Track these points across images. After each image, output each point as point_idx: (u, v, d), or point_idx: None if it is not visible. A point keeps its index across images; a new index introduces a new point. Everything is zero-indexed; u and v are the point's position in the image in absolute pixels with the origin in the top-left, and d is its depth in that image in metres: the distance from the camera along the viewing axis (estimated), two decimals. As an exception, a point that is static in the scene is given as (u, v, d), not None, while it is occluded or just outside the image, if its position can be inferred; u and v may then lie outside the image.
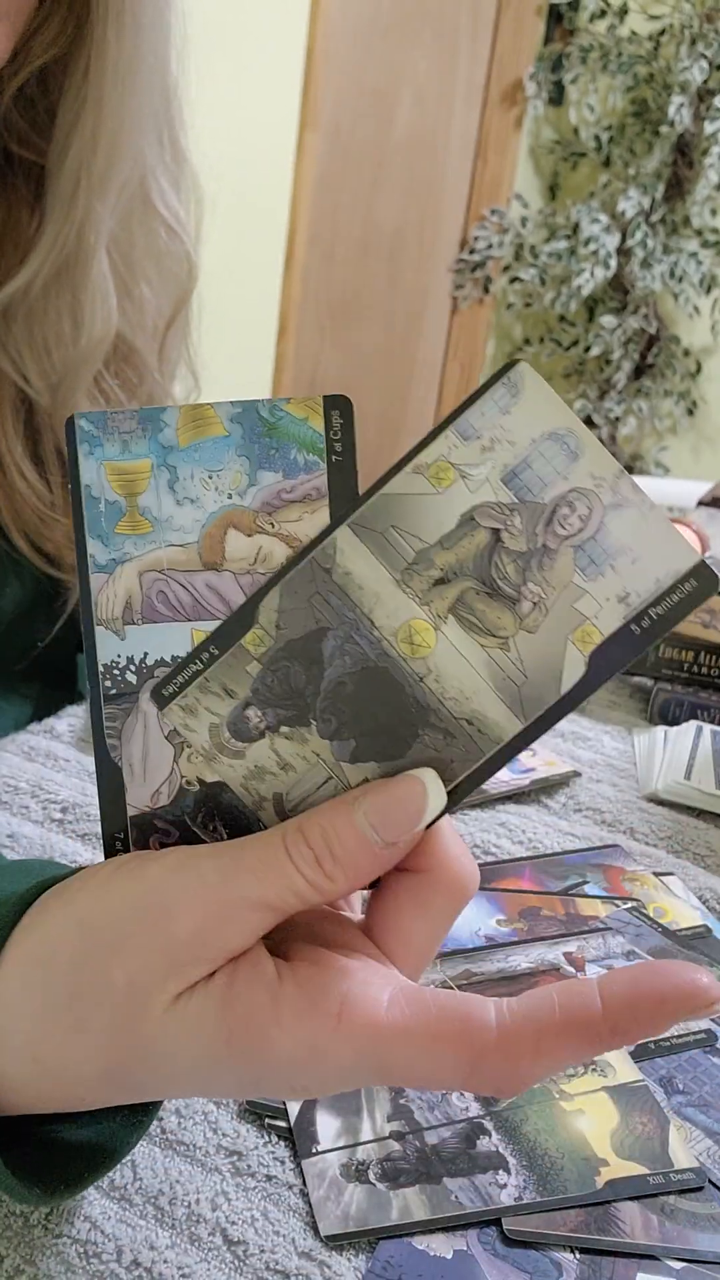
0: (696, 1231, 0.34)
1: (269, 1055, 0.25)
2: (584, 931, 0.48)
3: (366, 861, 0.25)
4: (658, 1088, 0.39)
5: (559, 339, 2.63)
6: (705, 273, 2.44)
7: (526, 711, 0.26)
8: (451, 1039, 0.24)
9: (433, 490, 0.25)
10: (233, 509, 0.26)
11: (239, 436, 0.26)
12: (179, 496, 0.26)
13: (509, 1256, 0.33)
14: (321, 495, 0.26)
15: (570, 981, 0.25)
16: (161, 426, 0.26)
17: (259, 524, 0.26)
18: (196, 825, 0.28)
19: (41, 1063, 0.27)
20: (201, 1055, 0.25)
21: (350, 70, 2.02)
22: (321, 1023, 0.25)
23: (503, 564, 0.25)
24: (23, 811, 0.53)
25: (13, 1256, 0.31)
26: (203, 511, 0.26)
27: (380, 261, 2.30)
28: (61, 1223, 0.32)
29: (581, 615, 0.25)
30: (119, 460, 0.26)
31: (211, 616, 0.27)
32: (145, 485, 0.27)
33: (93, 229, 0.53)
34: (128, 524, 0.27)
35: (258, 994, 0.25)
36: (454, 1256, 0.32)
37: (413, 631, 0.25)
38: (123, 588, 0.27)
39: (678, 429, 2.64)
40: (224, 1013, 0.25)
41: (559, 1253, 0.33)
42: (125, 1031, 0.26)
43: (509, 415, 0.25)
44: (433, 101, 2.31)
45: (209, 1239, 0.32)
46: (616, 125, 2.47)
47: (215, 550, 0.27)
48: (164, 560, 0.27)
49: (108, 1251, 0.31)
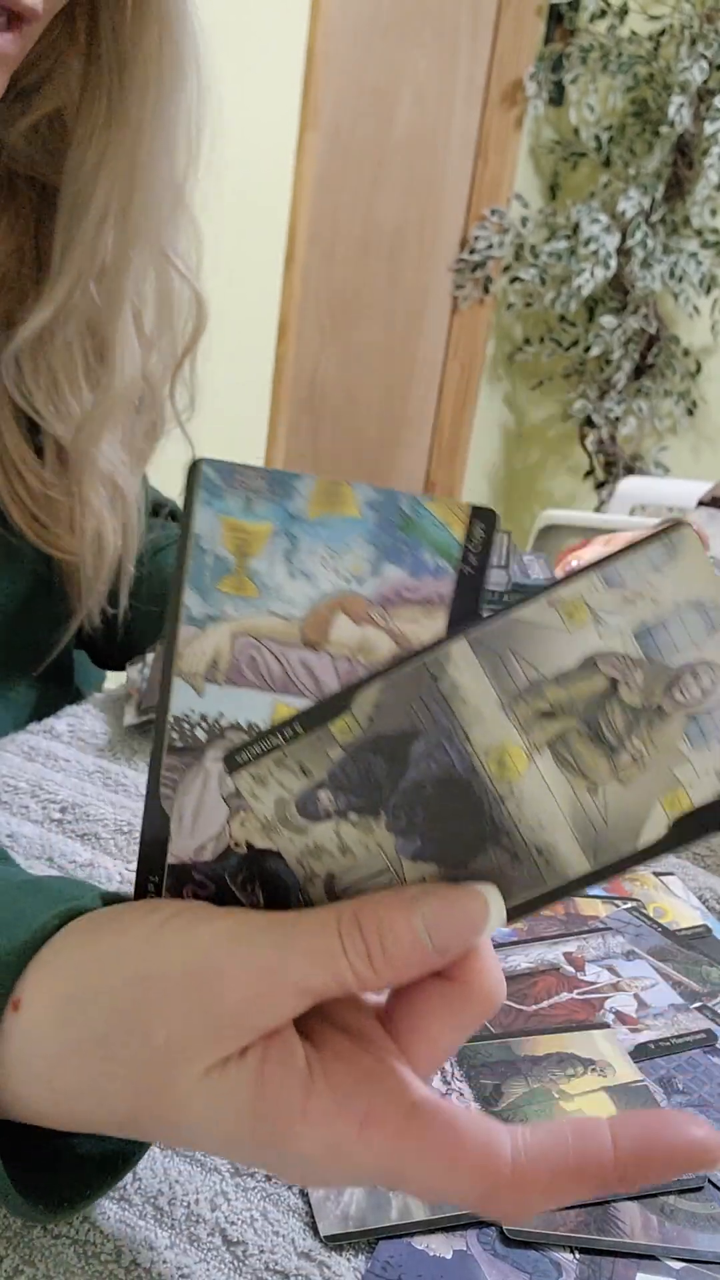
0: (696, 1231, 0.34)
1: (288, 1147, 0.25)
2: (584, 931, 0.47)
3: (415, 963, 0.25)
4: (657, 1088, 0.39)
5: (559, 339, 2.63)
6: (705, 273, 2.44)
7: (598, 857, 0.26)
8: (468, 1168, 0.25)
9: (562, 626, 0.25)
10: (348, 594, 0.26)
11: (372, 523, 0.25)
12: (294, 568, 0.26)
13: (509, 1256, 0.33)
14: (443, 602, 0.25)
15: (584, 1123, 0.25)
16: (291, 493, 0.25)
17: (371, 615, 0.26)
18: (235, 885, 0.28)
19: (59, 1093, 0.27)
20: (222, 1130, 0.25)
21: (350, 70, 2.02)
22: (347, 1128, 0.25)
23: (613, 714, 0.25)
24: (22, 811, 0.53)
25: (12, 1257, 0.31)
26: (315, 589, 0.26)
27: (380, 261, 2.30)
28: (61, 1224, 0.32)
29: (676, 780, 0.25)
30: (238, 518, 0.26)
31: (299, 693, 0.26)
32: (260, 549, 0.26)
33: (122, 280, 0.54)
34: (232, 583, 0.26)
35: (289, 1084, 0.25)
36: (454, 1257, 0.32)
37: (506, 754, 0.26)
38: (211, 645, 0.26)
39: (678, 429, 2.64)
40: (254, 1096, 0.25)
41: (559, 1253, 0.33)
42: (152, 1091, 0.26)
43: (659, 574, 0.24)
44: (433, 101, 2.31)
45: (208, 1239, 0.32)
46: (617, 125, 2.47)
47: (319, 630, 0.26)
48: (263, 628, 0.26)
49: (107, 1252, 0.31)
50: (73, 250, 0.53)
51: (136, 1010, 0.25)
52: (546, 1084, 0.39)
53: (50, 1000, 0.27)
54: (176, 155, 0.54)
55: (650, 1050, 0.41)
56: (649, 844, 0.25)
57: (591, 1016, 0.43)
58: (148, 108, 0.51)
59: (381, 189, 2.23)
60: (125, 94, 0.51)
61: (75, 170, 0.52)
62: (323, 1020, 0.27)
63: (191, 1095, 0.25)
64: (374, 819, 0.26)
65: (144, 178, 0.52)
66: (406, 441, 2.57)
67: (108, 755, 0.60)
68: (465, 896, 0.25)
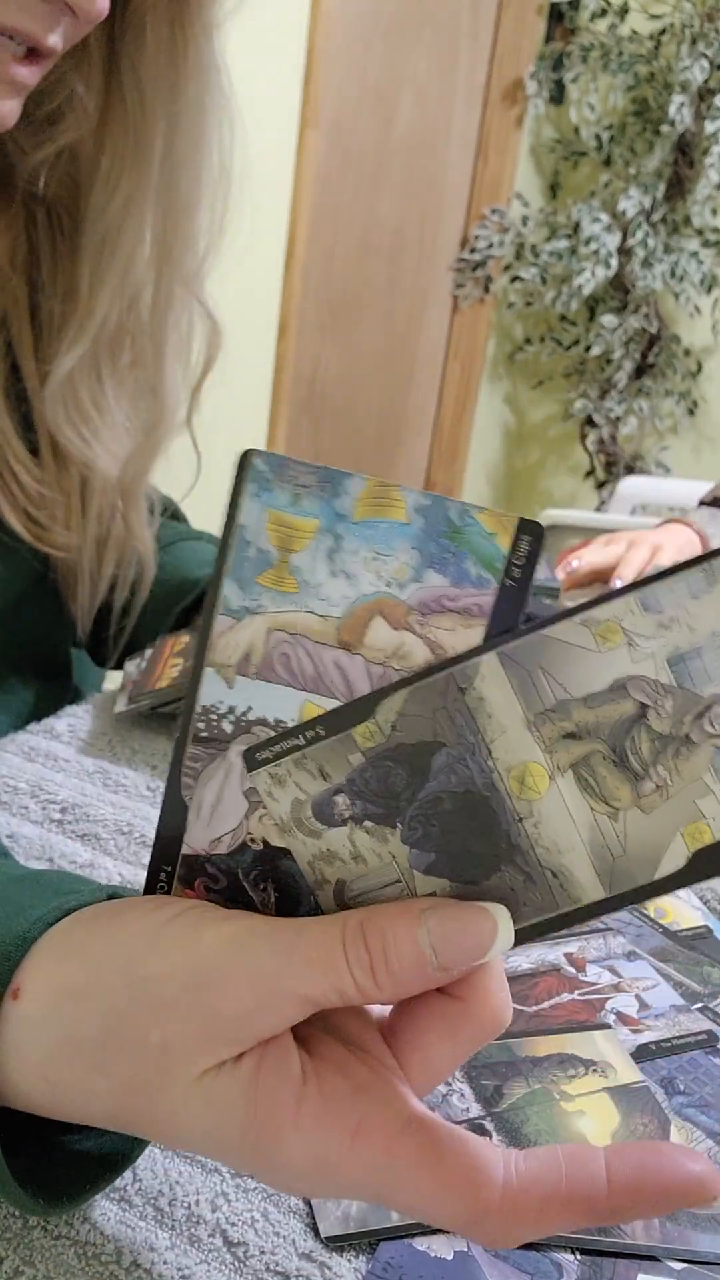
0: (698, 1232, 0.34)
1: (278, 1155, 0.25)
2: (585, 932, 0.47)
3: (417, 979, 0.25)
4: (659, 1088, 0.39)
5: (559, 338, 2.63)
6: (706, 272, 2.44)
7: (614, 884, 0.25)
8: (457, 1190, 0.25)
9: (595, 648, 0.24)
10: (387, 597, 0.25)
11: (419, 529, 0.25)
12: (335, 567, 0.26)
13: (509, 1258, 0.32)
14: (483, 614, 0.25)
15: (578, 1150, 0.25)
16: (340, 492, 0.25)
17: (409, 621, 0.25)
18: (247, 880, 0.28)
19: (53, 1085, 0.27)
20: (214, 1134, 0.25)
21: (351, 69, 2.02)
22: (338, 1138, 0.25)
23: (639, 740, 0.24)
24: (22, 811, 0.53)
25: (12, 1258, 0.31)
26: (355, 590, 0.26)
27: (381, 260, 2.30)
28: (61, 1224, 0.32)
29: (699, 813, 0.24)
30: (285, 512, 0.25)
31: (329, 694, 0.26)
32: (304, 545, 0.26)
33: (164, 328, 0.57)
34: (272, 577, 0.26)
35: (282, 1092, 0.25)
36: (454, 1258, 0.32)
37: (527, 773, 0.25)
38: (246, 638, 0.26)
39: (678, 429, 2.64)
40: (247, 1103, 0.25)
41: (560, 1253, 0.33)
42: (144, 1092, 0.26)
43: (697, 601, 0.24)
44: (433, 100, 2.31)
45: (209, 1240, 0.32)
46: (617, 124, 2.47)
47: (355, 632, 0.26)
48: (299, 625, 0.26)
49: (107, 1253, 0.31)
50: (103, 288, 0.55)
51: (133, 1010, 0.25)
52: (547, 1085, 0.39)
53: (50, 990, 0.27)
54: (208, 193, 0.55)
55: (651, 1051, 0.41)
56: (666, 875, 0.25)
57: (592, 1017, 0.43)
58: (174, 147, 0.52)
59: (382, 188, 2.23)
60: (150, 133, 0.52)
61: (101, 209, 0.54)
62: (322, 1028, 0.27)
63: (184, 1098, 0.25)
64: (389, 828, 0.26)
65: (179, 220, 0.54)
66: (406, 441, 2.57)
67: (108, 755, 0.59)
68: (474, 915, 0.25)
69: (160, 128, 0.52)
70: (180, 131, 0.52)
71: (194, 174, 0.54)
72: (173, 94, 0.52)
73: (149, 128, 0.52)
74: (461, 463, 2.73)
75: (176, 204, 0.54)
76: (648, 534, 1.01)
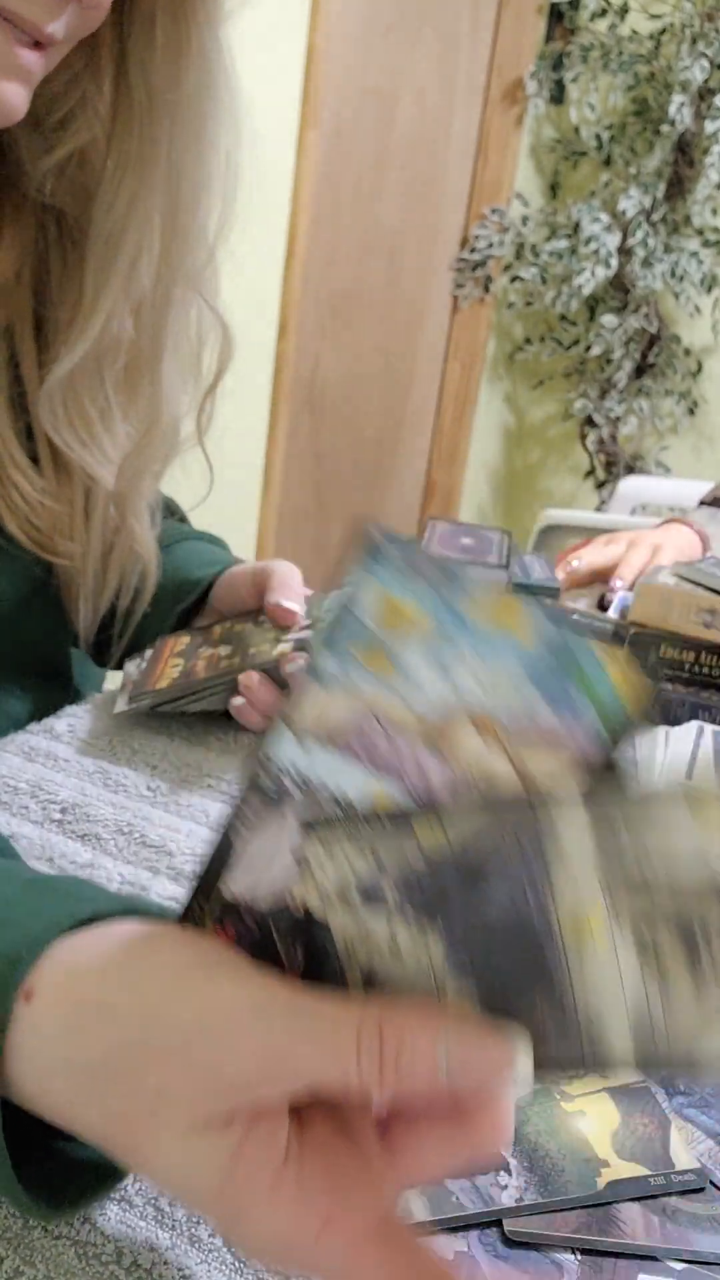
0: (698, 1232, 0.34)
1: (246, 1226, 0.25)
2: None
3: (423, 1086, 0.25)
4: (659, 1088, 0.39)
5: (560, 338, 2.63)
6: (706, 272, 2.44)
7: (643, 1060, 0.24)
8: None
9: (689, 823, 0.23)
10: (485, 713, 0.25)
11: (541, 664, 0.24)
12: (439, 664, 0.25)
13: (510, 1258, 0.33)
14: (582, 757, 0.25)
15: None
16: (460, 592, 0.25)
17: (501, 739, 0.25)
18: (279, 937, 0.27)
19: (48, 1094, 0.27)
20: (188, 1189, 0.26)
21: (351, 69, 2.02)
22: (305, 1227, 0.25)
23: (710, 923, 0.23)
24: (22, 812, 0.53)
25: (12, 1258, 0.31)
26: (455, 695, 0.25)
27: (381, 260, 2.30)
28: (61, 1224, 0.32)
29: None
30: (398, 596, 0.25)
31: (400, 784, 0.25)
32: (410, 633, 0.25)
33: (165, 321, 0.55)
34: (369, 655, 0.25)
35: (262, 1169, 0.25)
36: (455, 1258, 0.32)
37: (587, 924, 0.24)
38: (332, 708, 0.26)
39: (679, 428, 2.64)
40: (226, 1171, 0.25)
41: (560, 1254, 0.33)
42: (130, 1130, 0.26)
43: None
44: (433, 100, 2.31)
45: (209, 1240, 0.32)
46: (617, 124, 2.47)
47: (444, 735, 0.25)
48: (386, 710, 0.25)
49: (108, 1253, 0.31)
50: (106, 289, 0.54)
51: (139, 1046, 0.25)
52: (548, 1084, 0.39)
53: (63, 1002, 0.26)
54: (213, 193, 0.54)
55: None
56: (699, 1061, 0.24)
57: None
58: (179, 146, 0.52)
59: (382, 188, 2.23)
60: (156, 132, 0.51)
61: (107, 209, 0.53)
62: (318, 1104, 0.27)
63: (168, 1147, 0.25)
64: (432, 931, 0.25)
65: (183, 219, 0.53)
66: (406, 441, 2.57)
67: (108, 756, 0.59)
68: (496, 1046, 0.25)
69: (165, 123, 0.51)
70: (184, 125, 0.52)
71: (197, 168, 0.53)
72: (176, 87, 0.51)
73: (155, 124, 0.51)
74: (461, 463, 2.73)
75: (179, 201, 0.53)
76: (648, 534, 1.01)
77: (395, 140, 2.22)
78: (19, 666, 0.64)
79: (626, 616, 0.76)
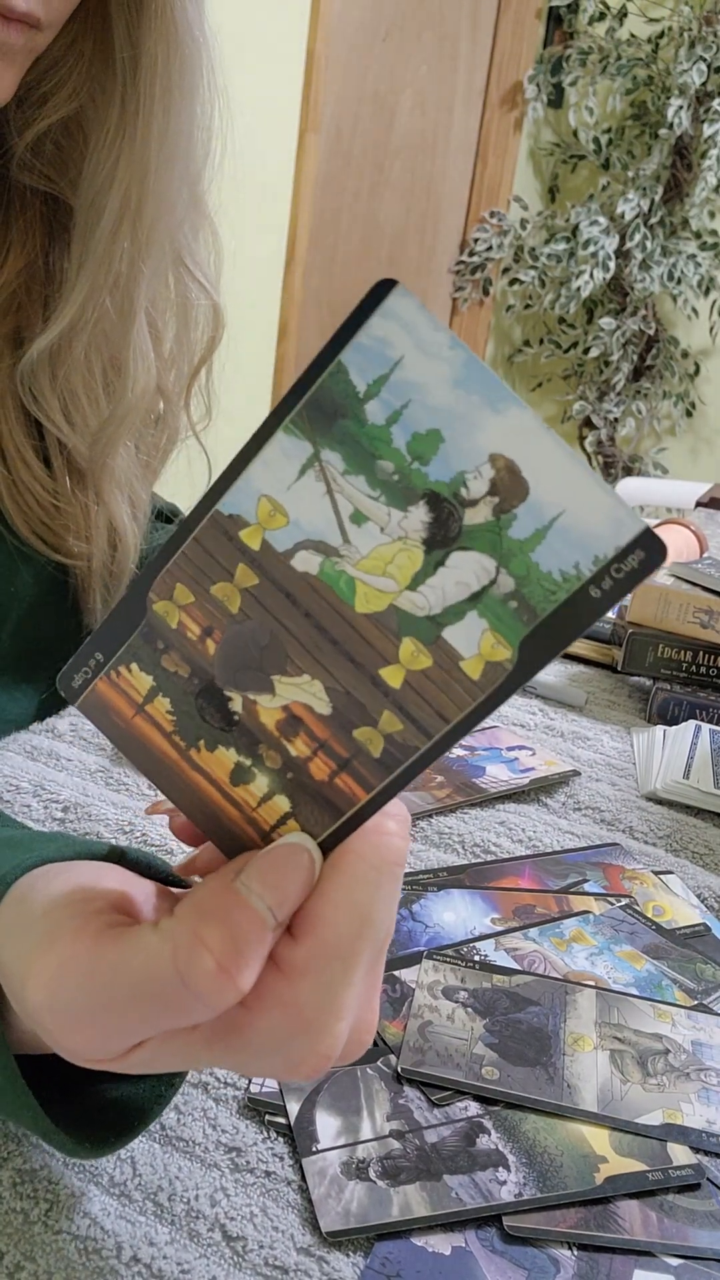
0: (694, 1228, 0.34)
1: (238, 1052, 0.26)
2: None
3: (263, 944, 0.25)
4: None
5: (558, 341, 2.64)
6: (703, 275, 2.44)
7: (605, 1111, 0.38)
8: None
9: (654, 1017, 0.32)
10: None
11: None
12: None
13: (507, 1253, 0.33)
14: None
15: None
16: None
17: None
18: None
19: None
20: None
21: (351, 73, 2.02)
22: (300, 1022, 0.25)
23: (658, 1059, 0.40)
24: (24, 811, 0.53)
25: (13, 1253, 0.31)
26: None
27: (380, 263, 2.30)
28: (61, 1219, 0.32)
29: (679, 1108, 0.38)
30: None
31: None
32: None
33: (136, 290, 0.54)
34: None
35: (199, 1046, 0.26)
36: (452, 1253, 0.33)
37: (582, 1040, 0.40)
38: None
39: (676, 430, 2.65)
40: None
41: (557, 1249, 0.33)
42: None
43: None
44: (433, 104, 2.31)
45: (208, 1235, 0.32)
46: (616, 128, 2.48)
47: None
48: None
49: (107, 1248, 0.32)
50: (88, 261, 0.53)
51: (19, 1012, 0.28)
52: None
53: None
54: (190, 159, 0.54)
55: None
56: (643, 1127, 0.37)
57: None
58: (159, 112, 0.51)
59: (382, 191, 2.23)
60: (137, 98, 0.51)
61: (90, 179, 0.52)
62: None
63: None
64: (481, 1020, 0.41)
65: (156, 182, 0.52)
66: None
67: (110, 755, 0.60)
68: (285, 853, 0.25)
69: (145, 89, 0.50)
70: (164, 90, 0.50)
71: (176, 135, 0.51)
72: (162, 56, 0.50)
73: (135, 91, 0.50)
74: (460, 465, 2.73)
75: (158, 169, 0.51)
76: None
77: (395, 143, 2.23)
78: (32, 668, 0.64)
79: (624, 616, 0.76)
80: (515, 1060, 0.39)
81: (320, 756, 0.25)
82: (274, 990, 0.25)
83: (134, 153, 0.51)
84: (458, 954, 0.45)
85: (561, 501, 0.21)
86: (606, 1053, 0.40)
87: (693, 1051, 0.41)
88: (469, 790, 0.59)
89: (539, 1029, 0.41)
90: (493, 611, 0.22)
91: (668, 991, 0.44)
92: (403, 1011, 0.41)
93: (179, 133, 0.52)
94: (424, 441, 0.22)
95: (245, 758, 0.26)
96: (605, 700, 0.74)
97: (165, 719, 0.27)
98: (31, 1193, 0.33)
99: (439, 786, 0.59)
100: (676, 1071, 0.40)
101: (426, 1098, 0.38)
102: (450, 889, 0.49)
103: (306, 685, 0.25)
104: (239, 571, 0.24)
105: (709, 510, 1.12)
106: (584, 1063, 0.40)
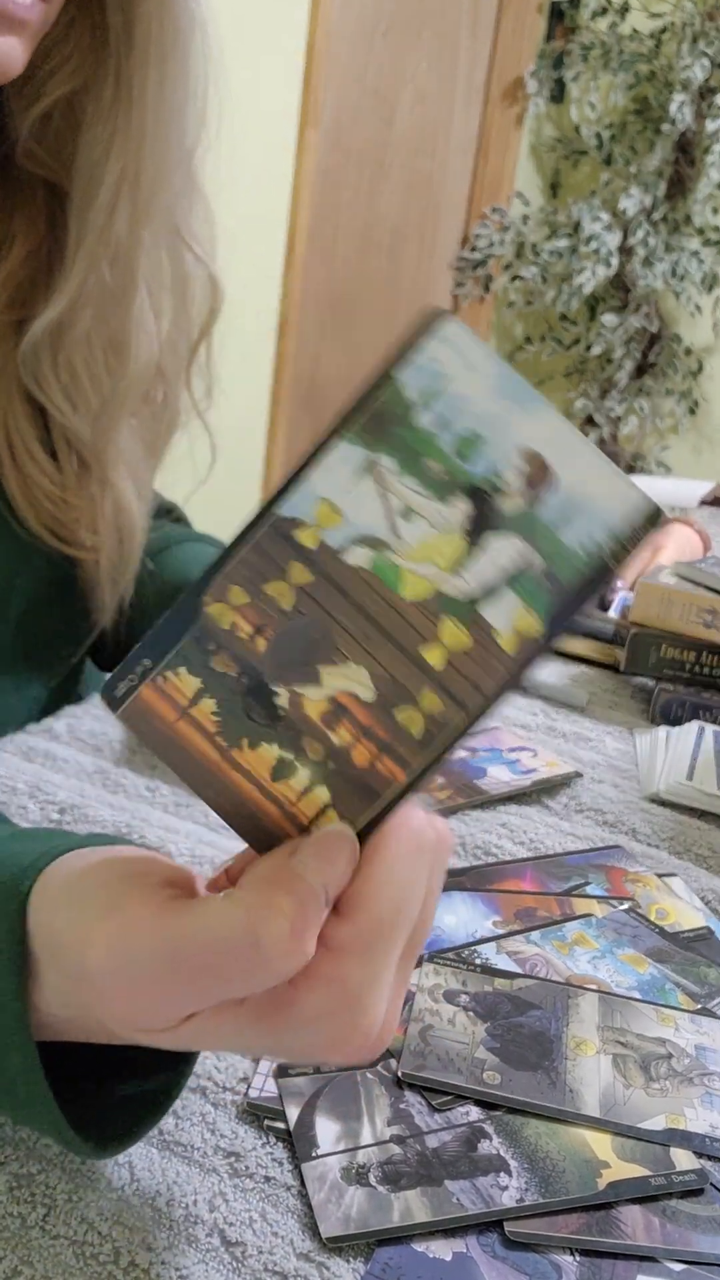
0: (697, 1233, 0.34)
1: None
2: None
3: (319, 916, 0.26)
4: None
5: (560, 337, 2.63)
6: (707, 271, 2.43)
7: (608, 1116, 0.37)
8: None
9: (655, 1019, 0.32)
10: None
11: None
12: None
13: (508, 1259, 0.32)
14: None
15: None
16: None
17: None
18: None
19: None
20: None
21: (351, 68, 2.02)
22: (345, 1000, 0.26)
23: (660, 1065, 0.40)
24: (21, 811, 0.53)
25: (10, 1258, 0.31)
26: None
27: (381, 259, 2.29)
28: (59, 1223, 0.32)
29: (682, 1113, 0.38)
30: None
31: None
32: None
33: (135, 262, 0.53)
34: None
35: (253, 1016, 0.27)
36: (453, 1259, 0.32)
37: (584, 1044, 0.41)
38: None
39: (679, 428, 2.64)
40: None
41: (559, 1255, 0.33)
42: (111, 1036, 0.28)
43: None
44: (433, 99, 2.31)
45: (206, 1240, 0.32)
46: (618, 123, 2.47)
47: None
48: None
49: (105, 1252, 0.31)
50: (88, 235, 0.52)
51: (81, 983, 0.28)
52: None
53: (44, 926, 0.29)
54: (185, 128, 0.53)
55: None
56: (645, 1132, 0.37)
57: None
58: (153, 81, 0.50)
59: (382, 187, 2.23)
60: (132, 69, 0.50)
61: (87, 152, 0.52)
62: None
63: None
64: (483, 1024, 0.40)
65: (152, 152, 0.51)
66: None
67: (106, 756, 0.59)
68: (330, 839, 0.26)
69: (143, 61, 0.50)
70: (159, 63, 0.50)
71: (171, 109, 0.51)
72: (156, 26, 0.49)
73: (133, 63, 0.50)
74: (462, 462, 2.73)
75: (154, 143, 0.51)
76: (648, 533, 1.00)
77: (395, 139, 2.22)
78: (37, 665, 0.63)
79: (627, 616, 0.76)
80: (517, 1064, 0.39)
81: (363, 742, 0.27)
82: (321, 967, 0.26)
83: (130, 122, 0.51)
84: (459, 957, 0.44)
85: (583, 486, 0.25)
86: (609, 1057, 0.40)
87: (696, 1056, 0.41)
88: (470, 792, 0.58)
89: (541, 1033, 0.41)
90: (525, 588, 0.25)
91: (671, 995, 0.44)
92: (403, 1015, 0.41)
93: (174, 102, 0.52)
94: (467, 443, 0.25)
95: (288, 752, 0.27)
96: (608, 701, 0.73)
97: (209, 720, 0.27)
98: (29, 1197, 0.33)
99: (440, 788, 0.58)
100: (680, 1076, 0.40)
101: (427, 1102, 0.37)
102: (451, 891, 0.49)
103: (353, 673, 0.27)
104: (294, 570, 0.26)
105: (712, 509, 1.11)
106: (586, 1067, 0.39)
